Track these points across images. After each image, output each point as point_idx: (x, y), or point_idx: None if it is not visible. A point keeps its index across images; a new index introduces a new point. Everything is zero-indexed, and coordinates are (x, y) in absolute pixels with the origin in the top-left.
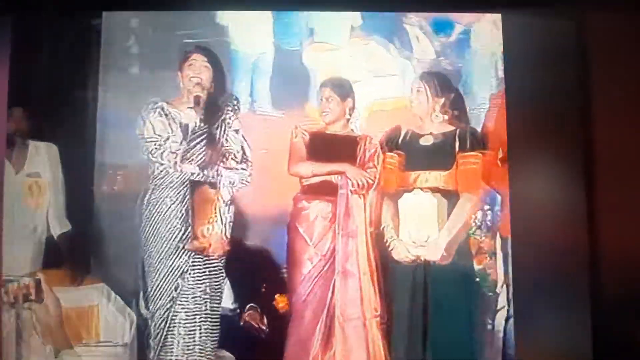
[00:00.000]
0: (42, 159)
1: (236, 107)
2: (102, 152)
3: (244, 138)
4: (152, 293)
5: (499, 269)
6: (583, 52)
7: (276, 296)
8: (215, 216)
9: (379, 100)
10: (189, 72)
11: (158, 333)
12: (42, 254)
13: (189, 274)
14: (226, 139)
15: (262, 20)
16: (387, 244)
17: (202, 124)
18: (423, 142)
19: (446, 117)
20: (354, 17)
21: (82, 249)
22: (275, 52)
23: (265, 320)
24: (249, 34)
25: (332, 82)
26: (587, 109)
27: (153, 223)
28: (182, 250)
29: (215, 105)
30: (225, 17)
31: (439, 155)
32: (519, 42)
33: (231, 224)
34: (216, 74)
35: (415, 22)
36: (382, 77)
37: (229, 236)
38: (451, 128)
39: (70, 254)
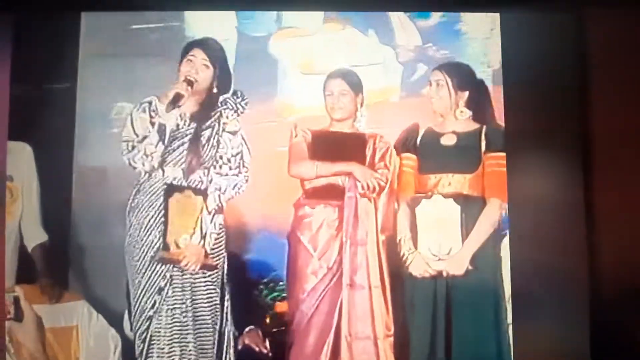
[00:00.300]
0: (15, 161)
1: (238, 106)
2: (81, 154)
3: (245, 141)
4: (132, 312)
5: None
6: (582, 49)
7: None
8: (196, 226)
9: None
10: (185, 69)
11: (138, 357)
12: (15, 267)
13: (168, 290)
14: (218, 141)
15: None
16: (404, 258)
17: (191, 123)
18: (444, 141)
19: (470, 112)
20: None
21: (60, 261)
22: (238, 40)
23: (267, 343)
24: (208, 19)
25: (343, 74)
26: (586, 106)
27: (133, 232)
28: (156, 263)
29: (213, 103)
30: None
31: (463, 156)
32: (517, 40)
33: (215, 236)
34: (220, 73)
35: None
36: (361, 67)
37: (209, 250)
38: (475, 126)
39: (46, 268)
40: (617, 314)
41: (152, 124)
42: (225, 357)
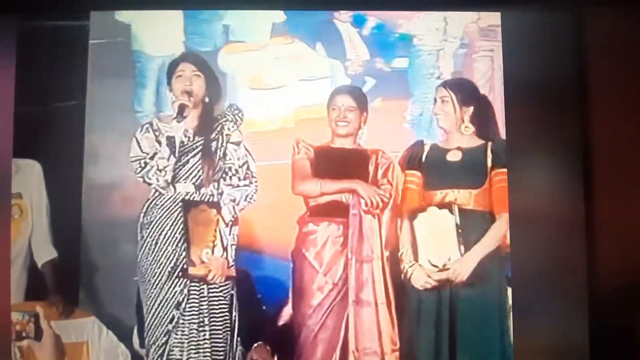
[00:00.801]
0: (24, 179)
1: (236, 118)
2: (91, 171)
3: (248, 151)
4: (146, 327)
5: None
6: (582, 50)
7: None
8: (215, 239)
9: (306, 106)
10: (178, 85)
11: None
12: (24, 285)
13: (185, 304)
14: (224, 153)
15: (170, 17)
16: (405, 271)
17: (197, 137)
18: (450, 157)
19: (474, 128)
20: (275, 13)
21: (70, 278)
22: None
23: (275, 359)
24: (155, 32)
25: (352, 90)
26: (586, 107)
27: (147, 249)
28: (177, 279)
29: (210, 115)
30: (125, 14)
31: (469, 172)
32: (517, 40)
33: (234, 246)
34: (209, 82)
35: (347, 19)
36: (310, 81)
37: (232, 261)
38: (480, 142)
39: (56, 285)
40: (616, 312)
41: (159, 142)
42: None
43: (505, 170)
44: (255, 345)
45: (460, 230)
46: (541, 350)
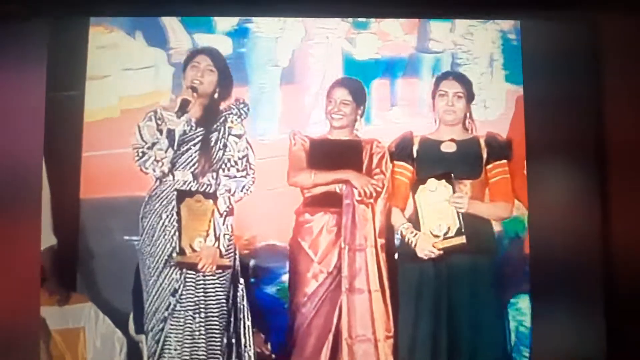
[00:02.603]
0: None
1: (241, 112)
2: (90, 157)
3: (250, 145)
4: (145, 313)
5: None
6: (597, 56)
7: None
8: (209, 228)
9: (130, 96)
10: (190, 75)
11: (150, 357)
12: None
13: (182, 291)
14: (224, 144)
15: None
16: (408, 241)
17: (197, 128)
18: (445, 148)
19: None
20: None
21: (68, 264)
22: None
23: (269, 345)
24: None
25: (349, 83)
26: (601, 114)
27: (147, 237)
28: (173, 267)
29: (216, 108)
30: None
31: (464, 163)
32: (536, 48)
33: (228, 236)
34: (222, 78)
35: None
36: (133, 71)
37: (224, 250)
38: (469, 134)
39: (54, 270)
40: (633, 317)
41: (160, 131)
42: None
43: (502, 162)
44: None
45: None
46: (558, 355)
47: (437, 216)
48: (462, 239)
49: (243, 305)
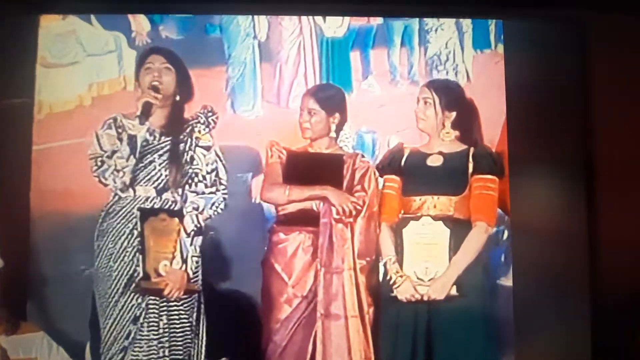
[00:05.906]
0: None
1: (209, 120)
2: (41, 171)
3: (219, 157)
4: (102, 342)
5: None
6: (585, 56)
7: None
8: (175, 250)
9: (99, 82)
10: (146, 78)
11: None
12: None
13: (144, 319)
14: (192, 157)
15: None
16: (391, 281)
17: (163, 137)
18: (431, 162)
19: (457, 133)
20: None
21: (17, 290)
22: None
23: None
24: None
25: (319, 91)
26: (588, 115)
27: (102, 259)
28: (134, 292)
29: (180, 115)
30: None
31: (449, 178)
32: (520, 47)
33: (195, 259)
34: (180, 77)
35: None
36: (98, 56)
37: (192, 274)
38: (463, 147)
39: (3, 296)
40: (618, 320)
41: (120, 139)
42: None
43: (488, 177)
44: None
45: (452, 246)
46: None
47: (426, 259)
48: (452, 290)
49: (203, 332)
